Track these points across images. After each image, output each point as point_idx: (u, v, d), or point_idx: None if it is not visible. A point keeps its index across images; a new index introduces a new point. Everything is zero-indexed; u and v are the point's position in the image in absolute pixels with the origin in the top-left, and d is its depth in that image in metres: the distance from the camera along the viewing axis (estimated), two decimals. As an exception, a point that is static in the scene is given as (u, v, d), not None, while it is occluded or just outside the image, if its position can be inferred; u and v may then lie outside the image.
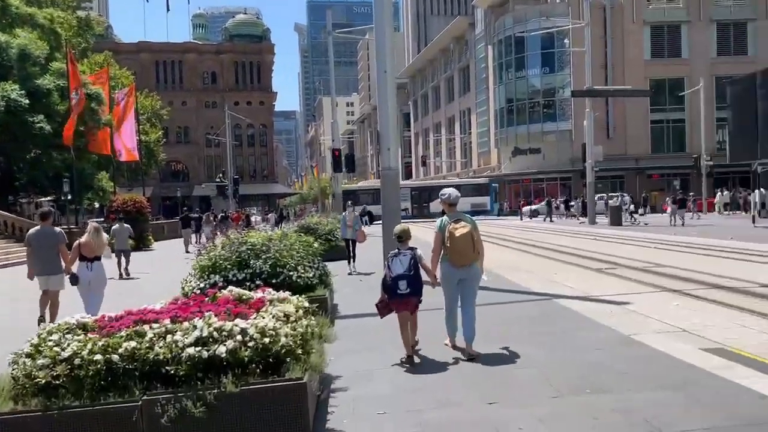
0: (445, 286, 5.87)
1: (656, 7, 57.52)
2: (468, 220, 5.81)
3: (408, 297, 5.54)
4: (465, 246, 5.59)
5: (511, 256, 15.41)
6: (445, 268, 5.80)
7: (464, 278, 5.75)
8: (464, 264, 5.68)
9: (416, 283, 5.56)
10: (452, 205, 5.90)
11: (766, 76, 24.29)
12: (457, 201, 5.92)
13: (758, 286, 8.73)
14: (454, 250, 5.63)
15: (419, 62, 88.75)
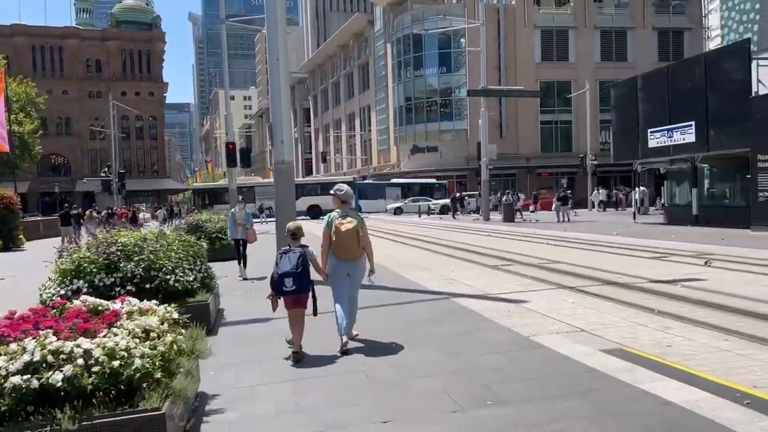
0: (332, 281, 6.00)
1: (546, 12, 60.10)
2: (355, 217, 5.93)
3: (294, 294, 5.58)
4: (350, 241, 5.75)
5: (409, 254, 15.17)
6: (332, 262, 5.94)
7: (349, 272, 5.92)
8: (349, 258, 5.85)
9: (303, 280, 5.57)
10: (344, 201, 5.99)
11: (646, 80, 25.70)
12: (349, 198, 6.02)
13: (648, 282, 8.89)
14: (339, 245, 5.79)
15: (318, 57, 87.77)
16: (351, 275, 5.95)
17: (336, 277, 5.95)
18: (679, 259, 11.78)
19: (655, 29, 59.88)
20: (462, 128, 57.01)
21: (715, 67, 21.40)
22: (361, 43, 73.09)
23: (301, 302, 5.69)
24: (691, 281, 8.80)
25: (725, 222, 21.66)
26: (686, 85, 22.82)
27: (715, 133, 21.38)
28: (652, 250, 13.83)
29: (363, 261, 6.00)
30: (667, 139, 23.91)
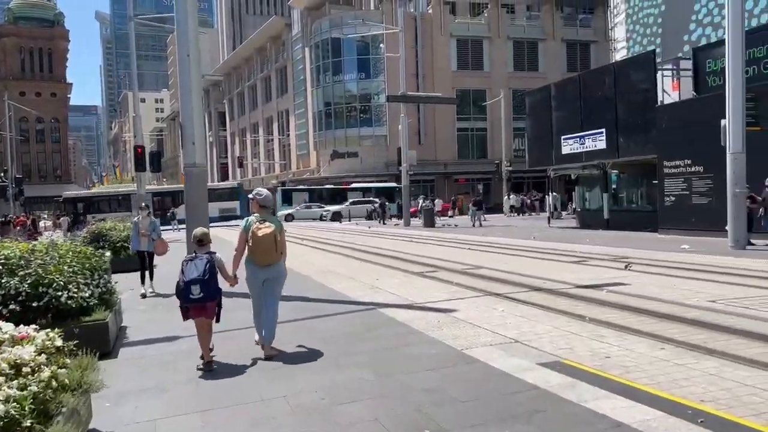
0: (250, 287, 5.92)
1: (461, 22, 61.29)
2: (274, 222, 5.85)
3: (201, 302, 5.40)
4: (267, 246, 5.67)
5: (331, 261, 14.64)
6: (248, 268, 5.84)
7: (268, 278, 5.83)
8: (266, 264, 5.75)
9: (210, 288, 5.43)
10: (263, 206, 5.88)
11: (559, 88, 26.43)
12: (269, 203, 5.94)
13: (573, 287, 8.81)
14: (256, 250, 5.71)
15: (234, 60, 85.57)
16: (269, 280, 5.85)
17: (253, 282, 5.86)
18: (599, 263, 11.91)
19: (564, 41, 62.38)
20: (382, 134, 57.05)
21: (624, 76, 22.24)
22: (278, 46, 71.83)
23: (208, 311, 5.51)
24: (615, 285, 8.79)
25: (634, 225, 22.49)
26: (597, 93, 23.61)
27: (625, 140, 22.19)
28: (571, 254, 13.98)
29: (282, 266, 5.93)
30: (579, 145, 24.63)
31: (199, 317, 5.52)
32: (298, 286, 10.15)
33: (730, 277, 9.26)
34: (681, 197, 19.45)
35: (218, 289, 5.53)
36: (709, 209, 18.31)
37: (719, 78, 19.75)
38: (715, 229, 17.62)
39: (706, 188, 18.53)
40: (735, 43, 13.78)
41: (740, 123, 13.84)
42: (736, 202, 13.97)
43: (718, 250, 13.74)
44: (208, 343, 5.62)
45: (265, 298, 5.89)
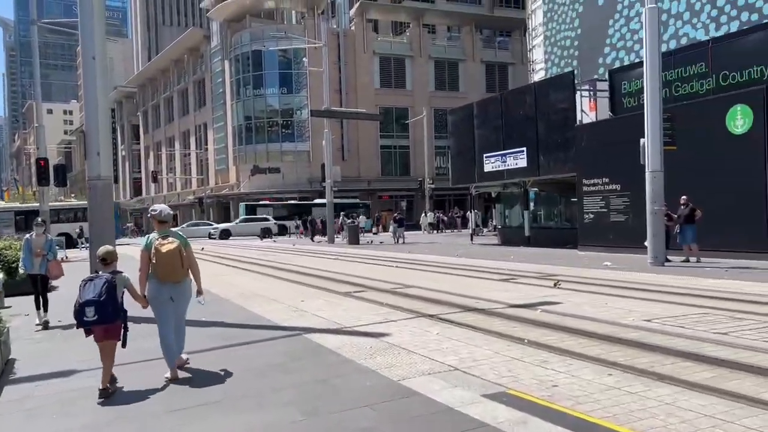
0: (155, 307, 5.62)
1: (384, 40, 61.81)
2: (177, 237, 5.66)
3: (97, 324, 5.09)
4: (171, 262, 5.48)
5: (253, 282, 13.85)
6: (153, 286, 5.58)
7: (173, 296, 5.62)
8: (172, 281, 5.55)
9: (107, 309, 5.07)
10: (162, 222, 5.67)
11: (481, 107, 26.76)
12: (168, 218, 5.72)
13: (506, 307, 8.55)
14: (160, 267, 5.49)
15: (149, 71, 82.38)
16: (175, 299, 5.63)
17: (158, 302, 5.59)
18: (528, 281, 11.80)
19: (483, 62, 64.11)
20: (304, 149, 56.32)
21: (544, 96, 22.75)
22: (196, 58, 69.74)
23: (110, 334, 5.20)
24: (548, 305, 8.60)
25: (555, 242, 22.93)
26: (518, 112, 24.04)
27: (545, 159, 22.63)
28: (498, 272, 13.88)
29: (188, 284, 5.72)
30: (501, 163, 24.96)
31: (100, 340, 5.21)
32: (215, 311, 9.39)
33: (657, 294, 9.30)
34: (599, 215, 19.94)
35: (118, 312, 5.19)
36: (627, 226, 18.85)
37: (634, 99, 20.53)
38: (633, 246, 18.11)
39: (624, 206, 19.08)
40: (652, 67, 14.23)
41: (658, 142, 14.25)
42: (655, 219, 14.34)
43: (638, 266, 14.02)
44: (109, 370, 5.26)
45: (173, 317, 5.68)
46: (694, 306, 8.05)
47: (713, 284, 10.30)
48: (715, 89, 17.65)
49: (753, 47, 16.95)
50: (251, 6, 58.88)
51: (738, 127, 15.59)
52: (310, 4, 59.14)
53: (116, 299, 5.16)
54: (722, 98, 16.28)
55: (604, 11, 27.41)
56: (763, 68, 16.35)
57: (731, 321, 6.96)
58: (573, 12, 29.44)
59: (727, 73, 17.47)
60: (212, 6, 62.66)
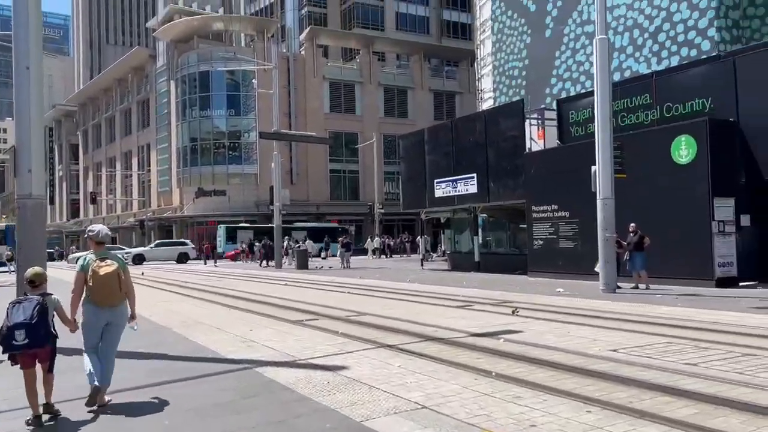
0: (86, 330, 5.38)
1: (334, 65, 61.95)
2: (115, 259, 5.46)
3: (29, 349, 4.79)
4: (109, 285, 5.28)
5: (195, 309, 13.10)
6: (88, 309, 5.35)
7: (110, 321, 5.39)
8: (109, 305, 5.34)
9: (39, 333, 4.79)
10: (100, 243, 5.49)
11: (432, 133, 26.81)
12: (106, 239, 5.56)
13: (468, 336, 8.23)
14: (97, 290, 5.27)
15: (91, 90, 79.85)
16: (111, 323, 5.40)
17: (91, 326, 5.35)
18: (485, 308, 11.55)
19: (432, 91, 64.99)
20: (251, 172, 55.39)
21: (494, 124, 22.94)
22: (141, 78, 68.03)
23: (41, 358, 4.94)
24: (509, 333, 8.32)
25: (504, 268, 22.94)
26: (469, 139, 24.15)
27: (495, 185, 22.73)
28: (453, 298, 13.60)
29: (125, 309, 5.50)
30: (451, 189, 24.95)
31: (28, 368, 4.90)
32: (155, 341, 8.72)
33: (617, 322, 9.18)
34: (549, 241, 20.05)
35: (50, 335, 4.92)
36: (576, 253, 19.00)
37: (582, 128, 20.89)
38: (582, 272, 18.23)
39: (572, 233, 19.24)
40: (603, 96, 14.45)
41: (609, 170, 14.41)
42: (606, 246, 14.42)
43: (591, 293, 14.01)
44: (36, 397, 4.93)
45: (105, 342, 5.42)
46: (656, 335, 7.93)
47: (669, 312, 10.29)
48: (660, 120, 18.10)
49: (695, 81, 17.51)
50: (199, 27, 58.05)
51: (683, 157, 15.96)
52: (259, 27, 58.80)
53: (48, 322, 4.91)
54: (667, 129, 16.70)
55: (551, 43, 28.08)
56: (704, 101, 16.87)
57: (697, 351, 6.84)
58: (521, 43, 30.06)
59: (671, 105, 17.95)
60: (159, 26, 61.48)
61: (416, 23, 75.77)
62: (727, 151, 15.68)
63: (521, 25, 29.91)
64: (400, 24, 74.57)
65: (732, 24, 21.68)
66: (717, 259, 15.11)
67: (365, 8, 73.26)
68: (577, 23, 26.78)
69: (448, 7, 77.00)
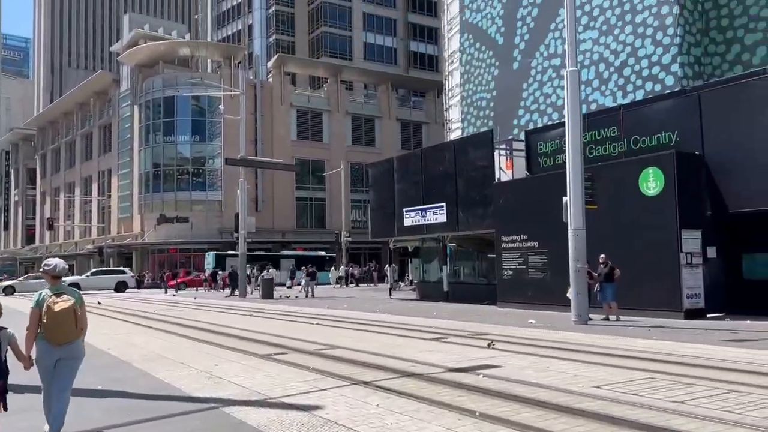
0: (40, 368, 5.15)
1: (301, 93, 61.93)
2: (72, 294, 5.26)
3: None
4: (65, 322, 5.04)
5: (157, 342, 12.49)
6: (41, 346, 5.11)
7: (63, 358, 5.14)
8: (64, 342, 5.09)
9: None
10: (56, 277, 5.26)
11: (402, 161, 26.77)
12: (62, 273, 5.33)
13: (445, 371, 7.92)
14: (52, 327, 5.02)
15: (51, 113, 78.09)
16: (64, 359, 5.15)
17: (46, 363, 5.11)
18: (459, 340, 11.26)
19: (399, 120, 65.41)
20: (216, 199, 54.51)
21: (463, 153, 23.00)
22: (103, 102, 66.82)
23: None
24: (488, 368, 8.05)
25: (473, 298, 22.80)
26: (438, 168, 24.15)
27: (464, 215, 22.69)
28: (425, 330, 13.30)
29: (80, 344, 5.27)
30: (421, 218, 24.84)
31: None
32: (114, 377, 8.18)
33: (595, 356, 9.00)
34: (518, 271, 19.98)
35: (5, 370, 4.88)
36: (545, 283, 18.94)
37: (550, 159, 21.06)
38: (551, 303, 18.17)
39: (542, 263, 19.21)
40: (574, 127, 14.54)
41: (580, 201, 14.43)
42: (578, 277, 14.35)
43: (563, 324, 13.88)
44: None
45: (58, 380, 5.14)
46: (637, 369, 7.76)
47: (646, 345, 10.18)
48: (627, 152, 18.34)
49: (661, 114, 17.81)
50: (165, 52, 57.48)
51: (650, 189, 16.13)
52: (227, 53, 58.55)
53: (1, 357, 4.87)
54: (635, 161, 16.89)
55: (519, 75, 28.52)
56: (671, 134, 17.16)
57: (682, 387, 6.67)
58: (489, 75, 30.46)
59: (638, 138, 18.22)
60: (123, 50, 60.68)
61: (384, 54, 76.57)
62: (693, 183, 15.91)
63: (489, 57, 30.35)
64: (368, 54, 75.26)
65: (694, 60, 22.35)
66: (685, 290, 15.18)
67: (333, 38, 73.80)
68: (544, 56, 27.29)
69: (415, 39, 78.13)
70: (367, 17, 75.49)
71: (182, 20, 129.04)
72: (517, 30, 28.78)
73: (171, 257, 55.31)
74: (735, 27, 22.25)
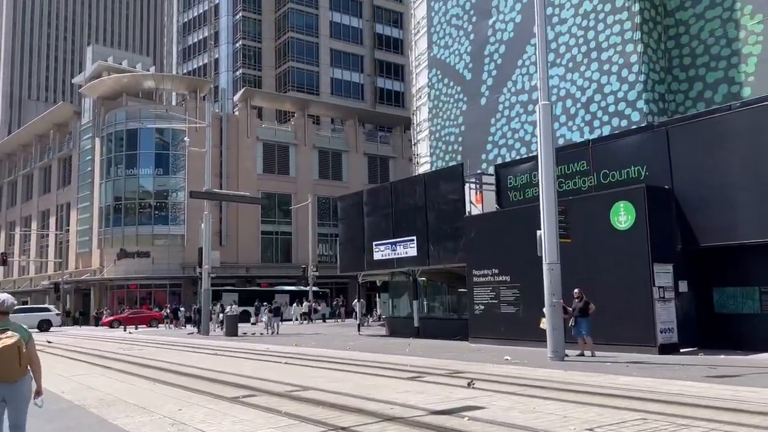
0: None
1: (268, 127, 61.63)
2: (18, 330, 5.05)
3: None
4: (8, 359, 4.86)
5: (114, 384, 11.72)
6: None
7: (8, 398, 4.96)
8: (7, 380, 4.91)
9: None
10: (2, 313, 5.07)
11: (371, 195, 26.49)
12: (9, 309, 5.12)
13: (428, 414, 7.47)
14: None
15: (9, 145, 75.89)
16: (9, 402, 4.97)
17: None
18: (437, 379, 10.82)
19: (366, 155, 65.43)
20: (178, 233, 53.24)
21: (434, 187, 22.85)
22: (64, 134, 65.26)
23: None
24: (473, 410, 7.63)
25: (445, 334, 22.41)
26: (408, 201, 23.93)
27: (435, 248, 22.43)
28: (400, 368, 12.82)
29: (27, 383, 5.06)
30: (391, 252, 24.49)
31: None
32: (68, 425, 7.51)
33: (580, 395, 8.67)
34: (490, 306, 19.71)
35: None
36: (517, 318, 18.68)
37: (519, 193, 21.05)
38: (524, 338, 17.90)
39: (514, 297, 18.98)
40: (547, 160, 14.50)
41: (554, 234, 14.29)
42: (554, 312, 14.11)
43: (539, 361, 13.57)
44: None
45: (8, 419, 5.02)
46: (626, 409, 7.44)
47: (628, 382, 9.91)
48: (597, 186, 18.40)
49: (630, 149, 17.95)
50: (129, 85, 56.68)
51: (622, 222, 16.13)
52: (192, 87, 58.00)
53: None
54: (606, 195, 16.93)
55: (486, 110, 28.75)
56: (640, 168, 17.29)
57: (677, 428, 6.37)
58: (457, 110, 30.66)
59: (608, 172, 18.32)
60: (86, 82, 59.62)
61: (351, 89, 77.01)
62: (664, 217, 15.98)
63: (457, 93, 30.60)
64: (335, 89, 75.58)
65: (658, 97, 22.84)
66: (659, 325, 15.06)
67: (300, 72, 73.98)
68: (511, 92, 27.61)
69: (382, 75, 78.91)
70: (334, 53, 76.02)
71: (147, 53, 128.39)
72: (485, 66, 29.14)
73: (131, 293, 53.55)
74: (697, 65, 22.87)
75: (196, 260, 46.77)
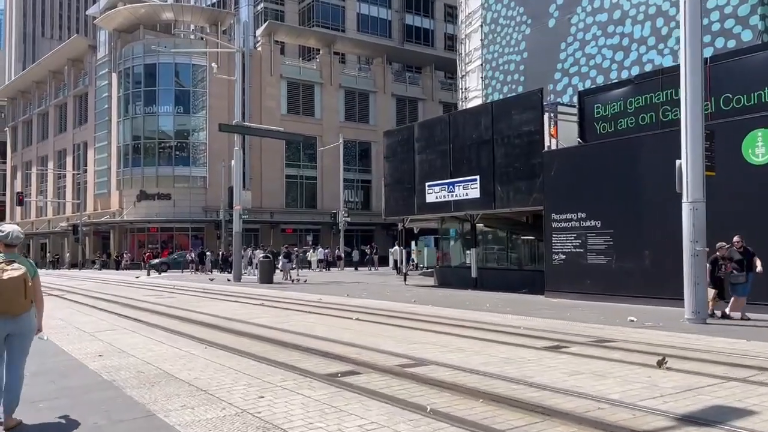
0: None
1: (292, 64, 57.99)
2: (25, 263, 4.80)
3: None
4: (13, 292, 4.59)
5: (155, 346, 9.04)
6: None
7: (12, 332, 4.71)
8: (11, 313, 4.63)
9: None
10: (9, 245, 4.84)
11: (425, 128, 23.44)
12: (16, 242, 4.87)
13: (646, 413, 4.69)
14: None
15: (23, 82, 73.01)
16: (13, 335, 4.72)
17: None
18: (586, 351, 8.00)
19: (394, 96, 61.75)
20: (200, 175, 50.65)
21: (504, 118, 19.69)
22: (79, 70, 62.18)
23: None
24: (735, 415, 4.86)
25: (504, 286, 19.80)
26: (470, 135, 20.87)
27: (503, 189, 19.50)
28: (515, 332, 10.04)
29: (31, 317, 4.79)
30: (447, 193, 21.63)
31: None
32: (96, 423, 4.83)
33: None
34: (574, 255, 16.94)
35: None
36: (609, 271, 15.95)
37: (609, 124, 18.00)
38: (616, 294, 15.32)
39: (605, 246, 16.17)
40: (693, 70, 11.30)
41: (699, 165, 11.24)
42: (697, 263, 11.19)
43: (674, 325, 10.76)
44: None
45: (8, 356, 4.75)
46: None
47: None
48: (714, 114, 15.25)
49: (762, 68, 14.76)
50: (146, 16, 53.10)
51: (759, 156, 13.12)
52: (212, 19, 54.32)
53: None
54: (736, 122, 13.82)
55: (555, 34, 25.23)
56: (779, 90, 14.10)
57: None
58: (518, 34, 27.11)
59: (730, 96, 15.19)
60: (100, 14, 56.08)
61: (378, 26, 72.55)
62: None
63: (519, 15, 26.96)
64: (361, 26, 71.21)
65: (779, 11, 19.26)
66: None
67: (325, 7, 69.58)
68: (587, 11, 23.98)
69: (410, 12, 74.24)
70: (360, -14, 71.40)
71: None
72: (554, -19, 25.42)
73: (152, 236, 51.47)
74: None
75: (218, 204, 44.46)
